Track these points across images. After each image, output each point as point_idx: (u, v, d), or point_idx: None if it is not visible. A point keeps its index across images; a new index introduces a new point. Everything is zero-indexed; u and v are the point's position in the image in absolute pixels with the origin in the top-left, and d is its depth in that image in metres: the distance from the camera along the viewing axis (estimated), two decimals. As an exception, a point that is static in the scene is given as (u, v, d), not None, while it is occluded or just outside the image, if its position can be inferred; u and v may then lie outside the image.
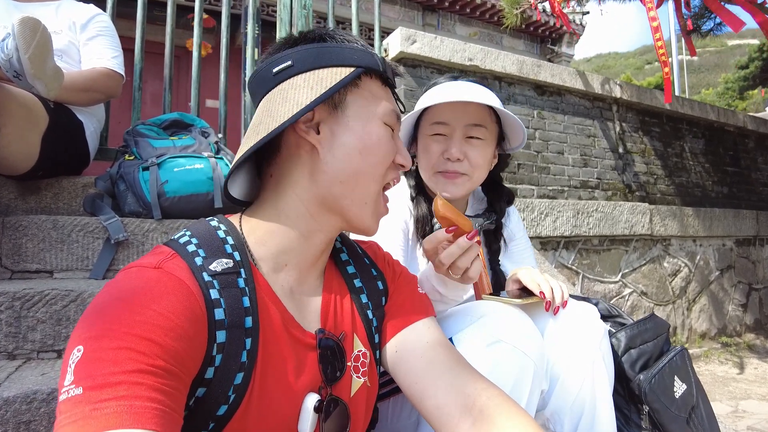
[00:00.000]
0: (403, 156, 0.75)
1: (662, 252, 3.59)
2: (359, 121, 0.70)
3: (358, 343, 0.76)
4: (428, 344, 0.74)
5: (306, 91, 0.66)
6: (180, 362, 0.52)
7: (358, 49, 0.71)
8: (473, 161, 1.16)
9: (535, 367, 0.86)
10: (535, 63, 3.08)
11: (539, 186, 3.08)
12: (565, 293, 1.01)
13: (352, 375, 0.73)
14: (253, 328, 0.62)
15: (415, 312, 0.80)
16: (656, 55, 3.39)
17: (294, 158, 0.71)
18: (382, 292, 0.82)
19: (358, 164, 0.69)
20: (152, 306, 0.52)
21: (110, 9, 2.14)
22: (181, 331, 0.53)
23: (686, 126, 4.06)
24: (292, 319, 0.69)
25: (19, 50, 1.20)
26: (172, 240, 0.66)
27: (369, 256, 0.87)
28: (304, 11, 2.49)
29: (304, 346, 0.69)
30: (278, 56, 0.70)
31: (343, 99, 0.69)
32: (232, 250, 0.66)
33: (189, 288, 0.57)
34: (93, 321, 0.51)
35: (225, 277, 0.62)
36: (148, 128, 1.83)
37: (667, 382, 0.99)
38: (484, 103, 1.12)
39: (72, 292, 1.23)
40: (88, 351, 0.48)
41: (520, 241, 1.34)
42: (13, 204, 1.63)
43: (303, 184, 0.70)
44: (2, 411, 0.95)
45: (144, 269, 0.57)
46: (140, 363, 0.48)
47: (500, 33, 8.27)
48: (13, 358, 1.18)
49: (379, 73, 0.73)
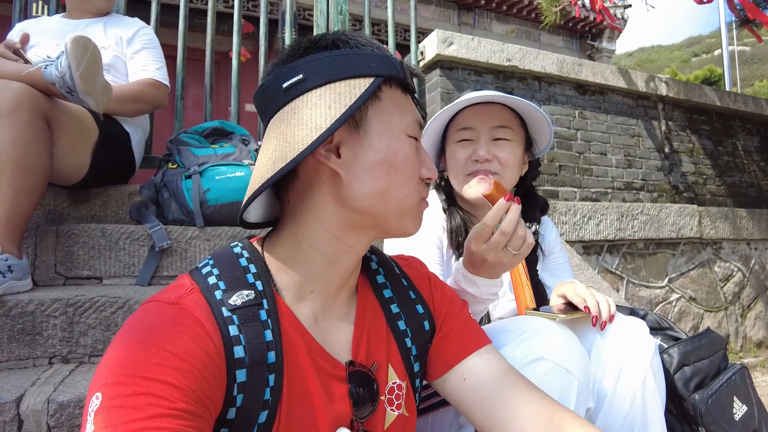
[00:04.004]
0: (429, 168, 0.70)
1: (713, 256, 3.42)
2: (383, 138, 0.64)
3: (392, 374, 0.72)
4: (501, 371, 0.71)
5: (323, 111, 0.60)
6: (200, 403, 0.50)
7: (374, 55, 0.64)
8: (503, 161, 1.15)
9: (580, 385, 0.83)
10: (576, 62, 2.99)
11: (582, 188, 2.99)
12: (612, 307, 0.98)
13: (386, 408, 0.69)
14: (277, 362, 0.59)
15: (479, 338, 0.77)
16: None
17: (314, 185, 0.65)
18: (423, 316, 0.78)
19: (386, 183, 0.64)
20: (168, 347, 0.51)
21: (153, 22, 2.22)
22: (198, 373, 0.51)
23: (739, 123, 3.85)
24: (320, 348, 0.65)
25: (71, 68, 1.25)
26: (195, 269, 0.64)
27: (408, 277, 0.81)
28: (341, 17, 2.51)
29: (334, 377, 0.65)
30: (287, 68, 0.63)
31: (365, 116, 0.63)
32: (255, 279, 0.63)
33: (205, 327, 0.55)
34: (111, 365, 0.50)
35: (245, 311, 0.59)
36: (190, 136, 1.88)
37: (725, 402, 0.93)
38: (505, 102, 1.14)
39: (120, 299, 1.28)
40: (107, 398, 0.47)
41: (559, 254, 1.31)
42: (66, 213, 1.71)
43: (327, 211, 0.65)
44: (57, 415, 0.99)
45: (162, 305, 0.56)
46: (160, 408, 0.47)
47: (538, 30, 8.08)
48: (67, 361, 1.23)
49: (399, 80, 0.66)
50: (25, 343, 1.19)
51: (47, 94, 1.34)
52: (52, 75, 1.28)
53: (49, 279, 1.46)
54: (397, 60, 0.66)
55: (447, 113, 1.19)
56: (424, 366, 0.78)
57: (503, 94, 1.14)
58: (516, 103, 1.15)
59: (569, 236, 2.65)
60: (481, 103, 1.17)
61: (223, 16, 5.11)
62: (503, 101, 1.15)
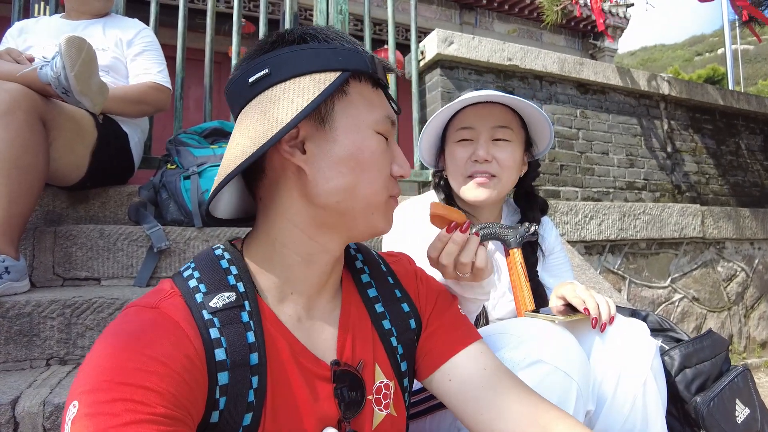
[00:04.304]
0: (400, 166, 0.68)
1: (716, 255, 3.40)
2: (349, 134, 0.62)
3: (379, 373, 0.71)
4: (487, 371, 0.70)
5: (286, 105, 0.58)
6: (181, 407, 0.49)
7: (342, 48, 0.62)
8: (502, 162, 1.15)
9: (579, 388, 0.82)
10: (577, 61, 2.98)
11: (583, 188, 2.97)
12: (612, 309, 0.96)
13: (374, 408, 0.69)
14: (260, 364, 0.59)
15: (465, 335, 0.75)
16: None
17: (281, 181, 0.64)
18: (409, 314, 0.77)
19: (352, 179, 0.62)
20: (146, 351, 0.50)
21: (153, 22, 2.21)
22: (178, 377, 0.50)
23: (742, 122, 3.82)
24: (304, 349, 0.65)
25: (66, 68, 1.25)
26: (177, 273, 0.63)
27: (394, 274, 0.80)
28: (340, 16, 2.50)
29: (318, 377, 0.65)
30: (254, 63, 0.62)
31: (330, 110, 0.62)
32: (236, 280, 0.63)
33: (184, 331, 0.54)
34: (87, 373, 0.48)
35: (226, 313, 0.58)
36: (190, 137, 1.88)
37: (727, 405, 0.92)
38: (505, 102, 1.13)
39: (117, 300, 1.27)
40: (84, 405, 0.46)
41: (559, 254, 1.30)
42: (64, 213, 1.71)
43: (295, 208, 0.64)
44: (53, 417, 0.98)
45: (141, 310, 0.56)
46: (138, 413, 0.45)
47: (540, 29, 8.06)
48: (65, 363, 1.23)
49: (368, 75, 0.64)
50: (22, 345, 1.19)
51: (43, 95, 1.34)
52: (48, 76, 1.28)
53: (47, 280, 1.46)
54: (367, 54, 0.64)
55: (447, 112, 1.18)
56: (413, 365, 0.77)
57: (504, 94, 1.13)
58: (517, 103, 1.14)
59: (571, 236, 2.64)
60: (481, 103, 1.16)
61: (224, 16, 5.12)
62: (504, 101, 1.15)
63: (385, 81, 0.68)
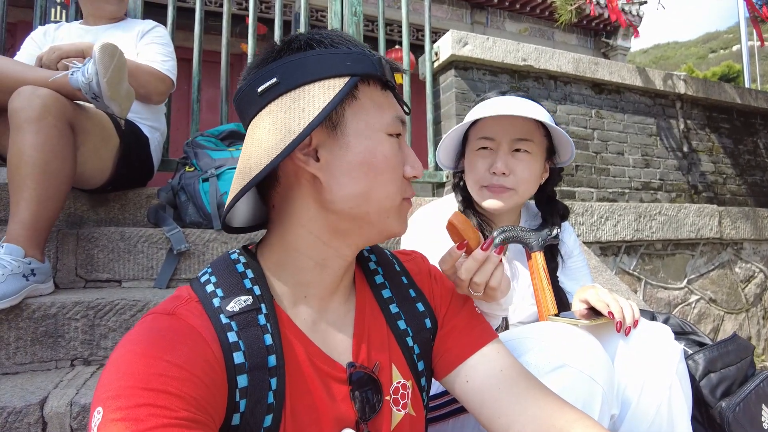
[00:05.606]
0: (413, 166, 0.68)
1: (733, 256, 3.35)
2: (361, 139, 0.62)
3: (396, 374, 0.71)
4: (503, 372, 0.70)
5: (297, 114, 0.58)
6: (203, 410, 0.50)
7: (350, 53, 0.62)
8: (519, 176, 1.14)
9: (604, 392, 0.81)
10: (593, 60, 2.95)
11: (599, 188, 2.95)
12: (636, 312, 0.96)
13: (392, 408, 0.69)
14: (278, 366, 0.59)
15: (481, 335, 0.75)
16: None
17: (295, 189, 0.64)
18: (424, 313, 0.77)
19: (366, 184, 0.62)
20: (165, 357, 0.50)
21: (170, 26, 2.23)
22: (198, 380, 0.51)
23: (760, 120, 3.77)
24: (319, 351, 0.65)
25: (98, 74, 1.27)
26: (194, 279, 0.64)
27: (408, 273, 0.80)
28: (355, 18, 2.50)
29: (334, 379, 0.65)
30: (262, 71, 0.62)
31: (341, 116, 0.62)
32: (252, 284, 0.63)
33: (202, 335, 0.55)
34: (110, 379, 0.49)
35: (244, 317, 0.59)
36: (207, 139, 1.89)
37: (753, 410, 0.91)
38: (530, 117, 1.10)
39: (139, 302, 1.29)
40: (108, 411, 0.47)
41: (578, 258, 1.29)
42: (85, 216, 1.73)
43: (309, 214, 0.64)
44: (80, 417, 1.00)
45: (158, 317, 0.57)
46: (162, 418, 0.46)
47: (552, 28, 8.01)
48: (89, 364, 1.25)
49: (377, 78, 0.64)
50: (47, 346, 1.21)
51: (72, 100, 1.36)
52: (79, 81, 1.30)
53: (69, 282, 1.48)
54: (374, 56, 0.64)
55: (470, 120, 1.18)
56: (430, 364, 0.77)
57: (527, 108, 1.11)
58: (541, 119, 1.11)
59: (586, 237, 2.62)
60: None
61: (236, 18, 5.16)
62: (527, 115, 1.11)
63: (393, 82, 0.67)
